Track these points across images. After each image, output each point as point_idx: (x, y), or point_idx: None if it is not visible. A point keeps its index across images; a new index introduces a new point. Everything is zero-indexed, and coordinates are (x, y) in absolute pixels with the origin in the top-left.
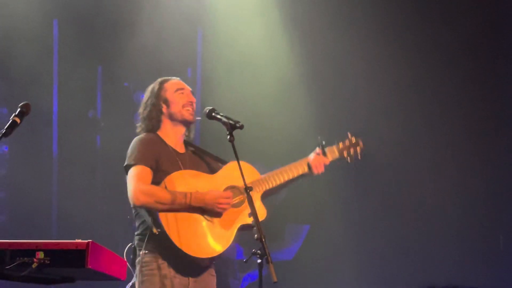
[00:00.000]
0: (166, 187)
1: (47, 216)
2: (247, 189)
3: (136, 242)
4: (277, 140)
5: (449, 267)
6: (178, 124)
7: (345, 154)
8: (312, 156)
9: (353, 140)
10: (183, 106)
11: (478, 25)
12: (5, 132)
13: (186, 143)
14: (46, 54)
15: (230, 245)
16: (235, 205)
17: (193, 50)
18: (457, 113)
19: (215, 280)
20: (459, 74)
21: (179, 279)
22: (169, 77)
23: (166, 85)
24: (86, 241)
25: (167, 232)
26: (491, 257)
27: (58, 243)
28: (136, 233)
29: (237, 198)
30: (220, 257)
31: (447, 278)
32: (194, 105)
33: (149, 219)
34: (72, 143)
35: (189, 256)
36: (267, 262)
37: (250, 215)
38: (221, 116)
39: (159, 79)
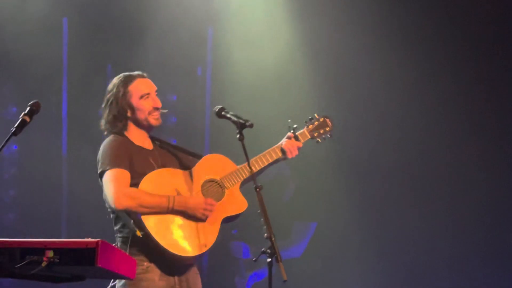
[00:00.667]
0: (146, 190)
1: (57, 215)
2: (257, 188)
3: (119, 244)
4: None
5: (458, 268)
6: (144, 128)
7: (315, 135)
8: (284, 140)
9: (321, 120)
10: (149, 113)
11: (486, 23)
12: (14, 131)
13: (152, 138)
14: (56, 52)
15: (237, 244)
16: (215, 199)
17: (203, 49)
18: (465, 110)
19: (199, 278)
20: (466, 72)
21: (165, 281)
22: (133, 75)
23: (131, 88)
24: (96, 240)
25: (152, 234)
26: (501, 257)
27: (68, 242)
28: (118, 235)
29: (215, 192)
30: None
31: (453, 279)
32: (160, 108)
33: (130, 222)
34: (81, 142)
35: (175, 256)
36: (277, 260)
37: (259, 214)
38: (231, 115)
39: (122, 77)
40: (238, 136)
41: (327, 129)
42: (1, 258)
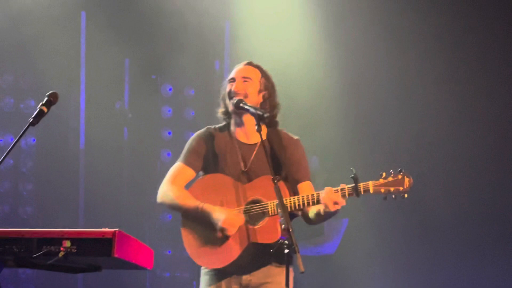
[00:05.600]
0: (193, 192)
1: (74, 208)
2: (274, 180)
3: None
4: (306, 133)
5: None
6: (238, 116)
7: (382, 190)
8: (323, 193)
9: (399, 176)
10: (230, 98)
11: None
12: (32, 121)
13: (269, 134)
14: (74, 46)
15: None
16: (252, 223)
17: (221, 43)
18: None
19: (283, 272)
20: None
21: (230, 277)
22: (238, 65)
23: (230, 75)
24: (113, 229)
25: (182, 232)
26: None
27: (85, 232)
28: None
29: (255, 215)
30: None
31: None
32: (242, 92)
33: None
34: (99, 135)
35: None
36: (294, 252)
37: (277, 205)
38: (249, 106)
39: None
40: (256, 128)
41: (401, 188)
42: (18, 248)
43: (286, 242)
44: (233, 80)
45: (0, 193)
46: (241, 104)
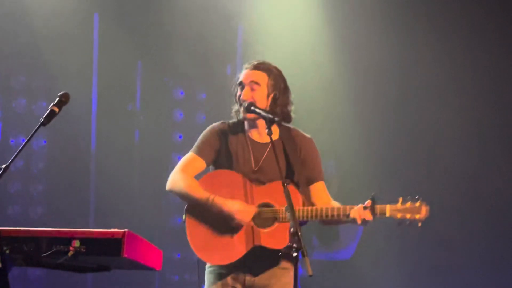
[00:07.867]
0: (202, 184)
1: (85, 209)
2: (284, 183)
3: None
4: (318, 137)
5: None
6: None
7: (398, 216)
8: (356, 207)
9: (416, 204)
10: (240, 104)
11: None
12: (43, 121)
13: (282, 133)
14: (86, 47)
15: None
16: (261, 225)
17: (233, 47)
18: None
19: (287, 273)
20: None
21: (234, 275)
22: (245, 66)
23: (240, 77)
24: (123, 230)
25: (186, 224)
26: None
27: (94, 232)
28: None
29: (266, 218)
30: None
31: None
32: (251, 99)
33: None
34: (110, 137)
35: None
36: (303, 255)
37: (286, 209)
38: (260, 110)
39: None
40: (267, 131)
41: (417, 216)
42: (28, 247)
43: (294, 245)
44: (241, 84)
45: (10, 194)
46: (252, 108)
